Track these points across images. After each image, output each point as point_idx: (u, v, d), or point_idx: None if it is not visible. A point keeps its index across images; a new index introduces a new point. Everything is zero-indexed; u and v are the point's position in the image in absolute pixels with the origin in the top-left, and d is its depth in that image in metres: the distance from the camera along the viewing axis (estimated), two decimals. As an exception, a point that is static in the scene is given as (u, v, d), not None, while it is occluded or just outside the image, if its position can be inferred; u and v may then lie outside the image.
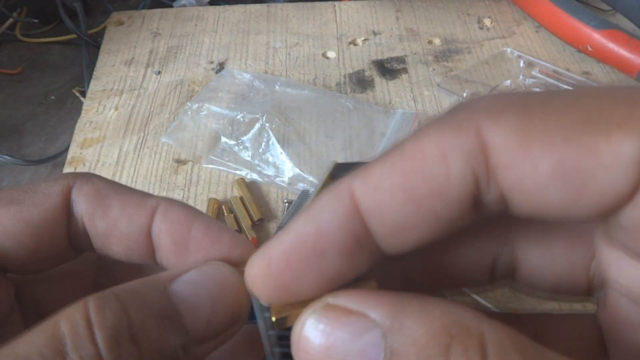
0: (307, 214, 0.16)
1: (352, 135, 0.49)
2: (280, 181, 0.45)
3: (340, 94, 0.53)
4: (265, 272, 0.17)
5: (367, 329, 0.15)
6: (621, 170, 0.14)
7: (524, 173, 0.15)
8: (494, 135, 0.15)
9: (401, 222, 0.16)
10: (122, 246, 0.22)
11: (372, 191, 0.16)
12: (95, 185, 0.23)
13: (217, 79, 0.53)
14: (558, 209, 0.15)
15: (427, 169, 0.15)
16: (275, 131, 0.48)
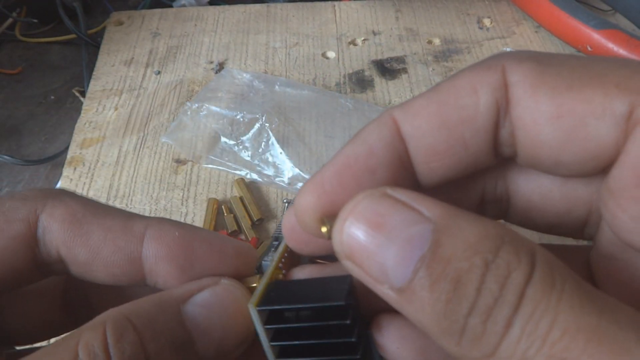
0: (355, 138, 0.18)
1: (351, 135, 0.48)
2: (279, 181, 0.45)
3: (340, 94, 0.53)
4: (319, 194, 0.18)
5: (419, 221, 0.15)
6: (609, 123, 0.15)
7: (528, 109, 0.16)
8: (514, 74, 0.17)
9: (435, 147, 0.17)
10: (106, 273, 0.21)
11: (411, 118, 0.17)
12: (69, 208, 0.21)
13: (216, 79, 0.53)
14: (551, 150, 0.16)
15: (460, 99, 0.17)
16: (275, 131, 0.48)
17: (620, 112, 0.15)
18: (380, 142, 0.18)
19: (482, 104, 0.17)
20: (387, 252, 0.15)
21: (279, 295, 0.20)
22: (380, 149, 0.18)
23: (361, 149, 0.18)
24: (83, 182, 0.46)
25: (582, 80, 0.16)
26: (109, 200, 0.45)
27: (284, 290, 0.20)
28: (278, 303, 0.19)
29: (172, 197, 0.45)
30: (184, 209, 0.44)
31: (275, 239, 0.27)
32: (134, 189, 0.46)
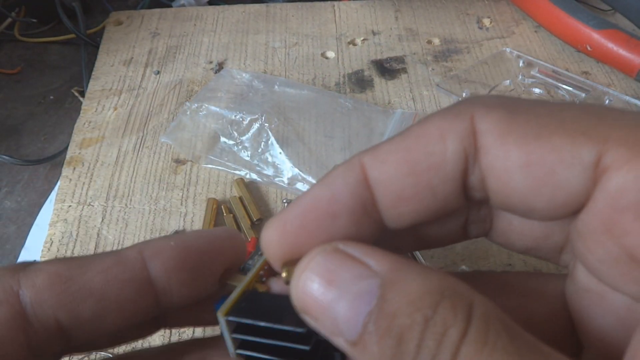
0: (322, 182, 0.18)
1: (351, 135, 0.49)
2: (279, 181, 0.45)
3: (340, 93, 0.53)
4: (281, 232, 0.18)
5: (367, 276, 0.16)
6: (578, 171, 0.16)
7: (497, 158, 0.17)
8: (483, 122, 0.17)
9: (402, 193, 0.18)
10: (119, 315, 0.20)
11: (379, 164, 0.18)
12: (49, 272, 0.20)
13: (216, 79, 0.53)
14: (522, 197, 0.17)
15: (428, 146, 0.17)
16: (275, 131, 0.48)
17: (588, 160, 0.16)
18: (345, 187, 0.18)
19: (449, 152, 0.17)
20: (338, 307, 0.16)
21: (250, 308, 0.20)
22: (345, 195, 0.18)
23: (325, 193, 0.18)
24: (82, 182, 0.46)
25: (550, 128, 0.16)
26: (108, 200, 0.45)
27: (257, 303, 0.20)
28: (246, 316, 0.19)
29: (172, 197, 0.45)
30: (184, 209, 0.44)
31: None
32: (134, 189, 0.46)
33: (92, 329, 0.20)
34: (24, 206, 0.49)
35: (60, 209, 0.44)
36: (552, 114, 0.17)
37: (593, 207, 0.16)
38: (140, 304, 0.21)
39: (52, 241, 0.42)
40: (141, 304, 0.21)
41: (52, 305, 0.19)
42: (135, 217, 0.43)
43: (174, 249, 0.21)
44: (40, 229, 0.46)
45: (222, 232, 0.23)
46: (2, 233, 0.47)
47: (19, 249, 0.46)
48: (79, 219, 0.43)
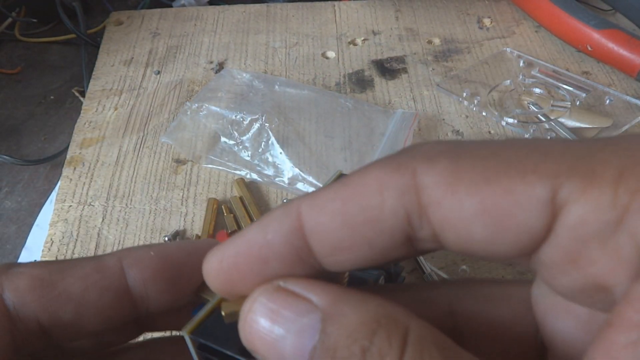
0: (258, 224, 0.18)
1: (351, 135, 0.49)
2: (279, 181, 0.45)
3: (340, 93, 0.53)
4: (217, 268, 0.19)
5: (309, 311, 0.17)
6: (534, 209, 0.15)
7: (451, 210, 0.16)
8: (427, 176, 0.17)
9: (337, 244, 0.18)
10: (98, 320, 0.21)
11: (315, 213, 0.18)
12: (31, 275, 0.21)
13: (216, 78, 0.53)
14: (483, 244, 0.17)
15: (364, 199, 0.17)
16: (275, 131, 0.48)
17: (543, 197, 0.15)
18: (277, 234, 0.18)
19: (387, 208, 0.17)
20: (284, 345, 0.16)
21: (215, 329, 0.20)
22: (276, 242, 0.18)
23: (259, 237, 0.18)
24: (83, 182, 0.46)
25: (498, 170, 0.16)
26: (108, 200, 0.45)
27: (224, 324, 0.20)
28: (208, 337, 0.20)
29: (172, 197, 0.45)
30: (184, 209, 0.44)
31: None
32: (134, 189, 0.46)
33: (72, 330, 0.21)
34: (25, 206, 0.49)
35: (60, 209, 0.44)
36: (496, 155, 0.16)
37: (555, 241, 0.16)
38: (118, 310, 0.21)
39: (53, 241, 0.42)
40: (119, 309, 0.21)
41: (34, 308, 0.20)
42: (135, 217, 0.43)
43: (152, 259, 0.22)
44: (40, 229, 0.46)
45: (203, 244, 0.23)
46: (3, 233, 0.47)
47: (19, 249, 0.46)
48: (80, 219, 0.43)
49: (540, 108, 0.50)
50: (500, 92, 0.52)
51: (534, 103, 0.50)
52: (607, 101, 0.50)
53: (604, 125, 0.48)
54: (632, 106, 0.50)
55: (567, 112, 0.49)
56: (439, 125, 0.50)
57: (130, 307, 0.22)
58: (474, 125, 0.50)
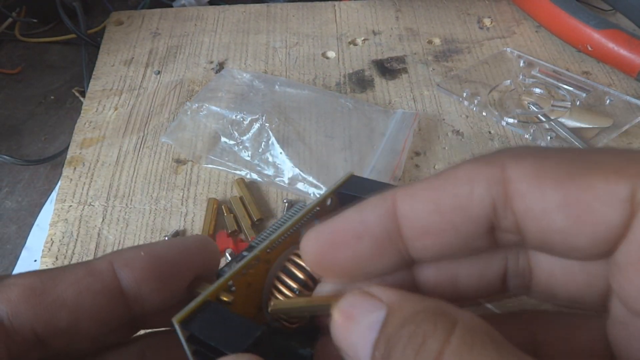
0: (356, 207, 0.20)
1: (352, 135, 0.49)
2: (280, 181, 0.45)
3: (340, 93, 0.53)
4: (314, 245, 0.21)
5: (377, 308, 0.18)
6: (614, 206, 0.17)
7: (534, 201, 0.18)
8: (514, 170, 0.18)
9: (426, 228, 0.19)
10: (94, 325, 0.21)
11: (409, 199, 0.20)
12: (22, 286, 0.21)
13: (216, 78, 0.53)
14: (562, 235, 0.18)
15: (455, 188, 0.19)
16: (275, 131, 0.48)
17: (623, 196, 0.17)
18: (373, 215, 0.20)
19: (476, 196, 0.19)
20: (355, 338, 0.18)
21: (203, 319, 0.21)
22: (372, 221, 0.20)
23: (356, 216, 0.20)
24: (83, 182, 0.46)
25: (582, 169, 0.17)
26: (108, 200, 0.45)
27: (211, 315, 0.21)
28: (194, 328, 0.21)
29: (172, 197, 0.45)
30: (184, 209, 0.44)
31: (248, 249, 0.26)
32: (134, 189, 0.46)
33: (69, 336, 0.21)
34: (25, 206, 0.49)
35: (60, 209, 0.44)
36: (582, 158, 0.18)
37: (631, 238, 0.17)
38: (113, 312, 0.22)
39: (53, 241, 0.42)
40: (114, 311, 0.22)
41: (28, 318, 0.20)
42: (135, 217, 0.43)
43: (143, 259, 0.22)
44: (40, 229, 0.46)
45: (193, 241, 0.24)
46: (3, 233, 0.47)
47: (19, 249, 0.46)
48: (80, 219, 0.43)
49: (540, 108, 0.50)
50: (501, 92, 0.52)
51: (534, 103, 0.50)
52: (607, 101, 0.50)
53: (604, 125, 0.48)
54: (632, 106, 0.50)
55: (567, 112, 0.49)
56: (439, 125, 0.50)
57: (124, 308, 0.22)
58: (474, 125, 0.50)
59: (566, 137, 0.47)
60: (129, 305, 0.22)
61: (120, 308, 0.22)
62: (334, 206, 0.29)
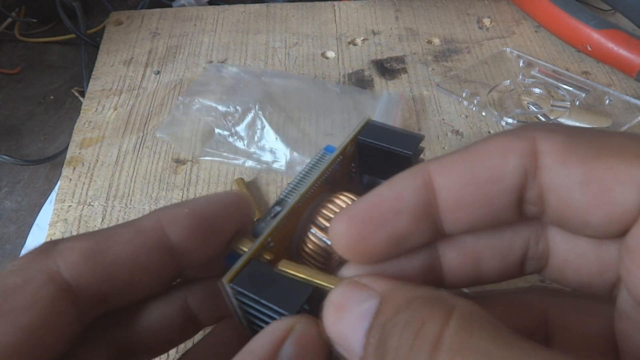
0: (389, 182, 0.21)
1: (343, 117, 0.50)
2: (278, 166, 0.46)
3: (325, 80, 0.54)
4: (348, 225, 0.20)
5: (370, 297, 0.19)
6: (632, 189, 0.17)
7: (558, 175, 0.18)
8: (545, 143, 0.19)
9: (462, 199, 0.20)
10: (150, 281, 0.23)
11: (444, 171, 0.20)
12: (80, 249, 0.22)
13: (204, 73, 0.54)
14: (579, 211, 0.18)
15: (489, 160, 0.19)
16: (269, 119, 0.48)
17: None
18: (410, 188, 0.20)
19: (510, 167, 0.19)
20: (346, 329, 0.19)
21: (251, 278, 0.22)
22: (409, 194, 0.20)
23: (391, 191, 0.20)
24: (82, 182, 0.46)
25: (607, 150, 0.18)
26: (108, 200, 0.45)
27: (258, 274, 0.22)
28: (244, 287, 0.22)
29: (172, 197, 0.45)
30: (184, 209, 0.44)
31: (278, 203, 0.28)
32: (134, 189, 0.46)
33: (125, 292, 0.23)
34: (24, 206, 0.49)
35: (60, 209, 0.44)
36: (609, 140, 0.19)
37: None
38: (163, 267, 0.23)
39: (52, 241, 0.42)
40: (164, 266, 0.23)
41: (90, 278, 0.21)
42: (135, 217, 0.43)
43: (187, 216, 0.23)
44: (40, 229, 0.46)
45: (230, 196, 0.25)
46: (2, 233, 0.47)
47: (19, 249, 0.46)
48: (79, 219, 0.43)
49: (540, 108, 0.50)
50: (500, 92, 0.53)
51: (533, 103, 0.50)
52: (606, 101, 0.50)
53: (604, 125, 0.48)
54: (632, 106, 0.50)
55: (567, 112, 0.49)
56: (438, 125, 0.50)
57: (172, 263, 0.23)
58: (473, 125, 0.50)
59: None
60: (176, 260, 0.23)
61: (169, 263, 0.23)
62: (352, 153, 0.31)
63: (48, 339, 0.20)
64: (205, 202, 0.24)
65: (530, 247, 0.22)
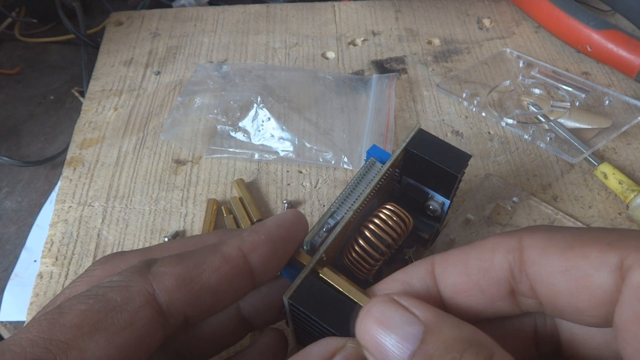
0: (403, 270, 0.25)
1: (341, 102, 0.51)
2: (286, 154, 0.47)
3: (317, 69, 0.55)
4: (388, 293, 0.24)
5: (413, 322, 0.21)
6: (606, 272, 0.20)
7: (542, 267, 0.21)
8: (528, 240, 0.22)
9: (457, 287, 0.24)
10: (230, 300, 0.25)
11: (443, 262, 0.24)
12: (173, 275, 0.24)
13: (196, 73, 0.54)
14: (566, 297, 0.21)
15: (480, 254, 0.23)
16: (271, 110, 0.49)
17: (613, 263, 0.20)
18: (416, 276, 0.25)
19: (496, 260, 0.23)
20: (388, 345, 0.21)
21: (308, 296, 0.25)
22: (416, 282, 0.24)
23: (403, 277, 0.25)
24: (83, 183, 0.46)
25: (581, 241, 0.21)
26: (108, 201, 0.45)
27: (314, 293, 0.25)
28: (303, 305, 0.25)
29: (172, 197, 0.45)
30: (184, 210, 0.44)
31: (331, 215, 0.30)
32: (134, 190, 0.46)
33: (207, 314, 0.25)
34: (25, 206, 0.49)
35: (60, 210, 0.44)
36: (584, 233, 0.21)
37: (623, 301, 0.20)
38: (244, 290, 0.26)
39: (53, 242, 0.42)
40: (245, 289, 0.26)
41: (181, 304, 0.23)
42: (135, 218, 0.43)
43: (265, 243, 0.26)
44: (40, 230, 0.47)
45: (294, 216, 0.28)
46: (3, 233, 0.47)
47: (19, 249, 0.46)
48: (80, 220, 0.43)
49: (539, 109, 0.50)
50: (500, 93, 0.53)
51: (533, 104, 0.50)
52: (606, 102, 0.50)
53: (604, 125, 0.48)
54: (632, 107, 0.50)
55: (567, 112, 0.49)
56: (438, 125, 0.50)
57: (251, 285, 0.26)
58: (473, 126, 0.50)
59: (565, 137, 0.47)
60: (254, 282, 0.26)
61: (249, 286, 0.26)
62: (400, 161, 0.34)
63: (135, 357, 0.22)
64: (275, 226, 0.27)
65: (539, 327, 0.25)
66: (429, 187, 0.35)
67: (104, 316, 0.21)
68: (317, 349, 0.24)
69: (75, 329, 0.21)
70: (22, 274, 0.44)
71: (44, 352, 0.20)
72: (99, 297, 0.22)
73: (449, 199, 0.35)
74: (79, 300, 0.22)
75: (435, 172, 0.33)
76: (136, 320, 0.22)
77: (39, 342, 0.20)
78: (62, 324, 0.21)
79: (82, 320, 0.21)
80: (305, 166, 0.47)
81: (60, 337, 0.20)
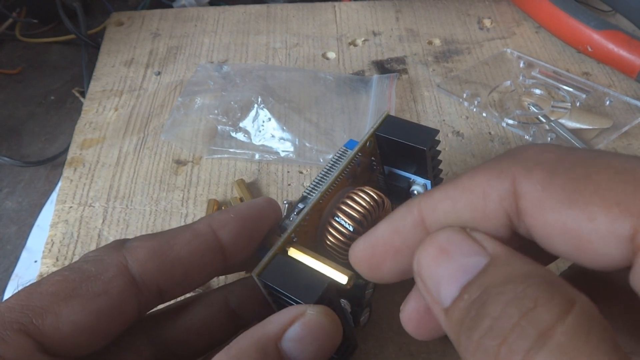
0: (387, 219, 0.22)
1: (342, 102, 0.51)
2: (287, 155, 0.47)
3: (317, 69, 0.55)
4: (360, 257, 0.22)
5: (477, 254, 0.18)
6: (614, 244, 0.16)
7: (538, 221, 0.18)
8: (523, 186, 0.18)
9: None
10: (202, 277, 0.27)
11: (432, 209, 0.21)
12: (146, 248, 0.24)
13: (196, 73, 0.54)
14: (566, 255, 0.18)
15: (471, 201, 0.19)
16: (272, 110, 0.49)
17: (623, 235, 0.16)
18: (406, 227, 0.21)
19: (490, 210, 0.19)
20: (443, 274, 0.18)
21: (277, 272, 0.26)
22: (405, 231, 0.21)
23: (388, 229, 0.22)
24: (83, 183, 0.46)
25: (585, 195, 0.17)
26: (109, 201, 0.45)
27: (282, 268, 0.26)
28: (271, 280, 0.25)
29: (172, 198, 0.45)
30: (184, 210, 0.44)
31: (302, 200, 0.30)
32: (134, 190, 0.46)
33: (181, 288, 0.26)
34: (25, 207, 0.49)
35: (61, 210, 0.44)
36: (588, 178, 0.17)
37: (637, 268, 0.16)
38: (215, 266, 0.26)
39: (53, 242, 0.42)
40: (215, 265, 0.26)
41: (153, 274, 0.24)
42: (136, 218, 0.43)
43: (235, 220, 0.27)
44: (41, 230, 0.47)
45: (264, 201, 0.29)
46: (3, 234, 0.47)
47: (19, 250, 0.46)
48: (80, 220, 0.43)
49: (540, 109, 0.50)
50: (501, 93, 0.53)
51: (534, 104, 0.50)
52: (607, 102, 0.50)
53: (604, 126, 0.48)
54: (632, 107, 0.50)
55: (567, 113, 0.49)
56: (439, 126, 0.50)
57: (223, 262, 0.27)
58: (474, 126, 0.50)
59: (566, 138, 0.47)
60: (225, 259, 0.27)
61: (219, 262, 0.26)
62: (372, 147, 0.34)
63: (110, 325, 0.23)
64: (246, 207, 0.28)
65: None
66: (409, 172, 0.36)
67: (78, 284, 0.23)
68: (277, 317, 0.23)
69: (51, 296, 0.22)
70: (22, 274, 0.44)
71: (21, 316, 0.21)
72: (74, 269, 0.24)
73: (429, 179, 0.35)
74: (55, 273, 0.24)
75: (407, 152, 0.33)
76: (110, 288, 0.23)
77: (16, 307, 0.22)
78: (39, 292, 0.23)
79: (58, 289, 0.23)
80: (305, 166, 0.47)
81: (37, 303, 0.22)
